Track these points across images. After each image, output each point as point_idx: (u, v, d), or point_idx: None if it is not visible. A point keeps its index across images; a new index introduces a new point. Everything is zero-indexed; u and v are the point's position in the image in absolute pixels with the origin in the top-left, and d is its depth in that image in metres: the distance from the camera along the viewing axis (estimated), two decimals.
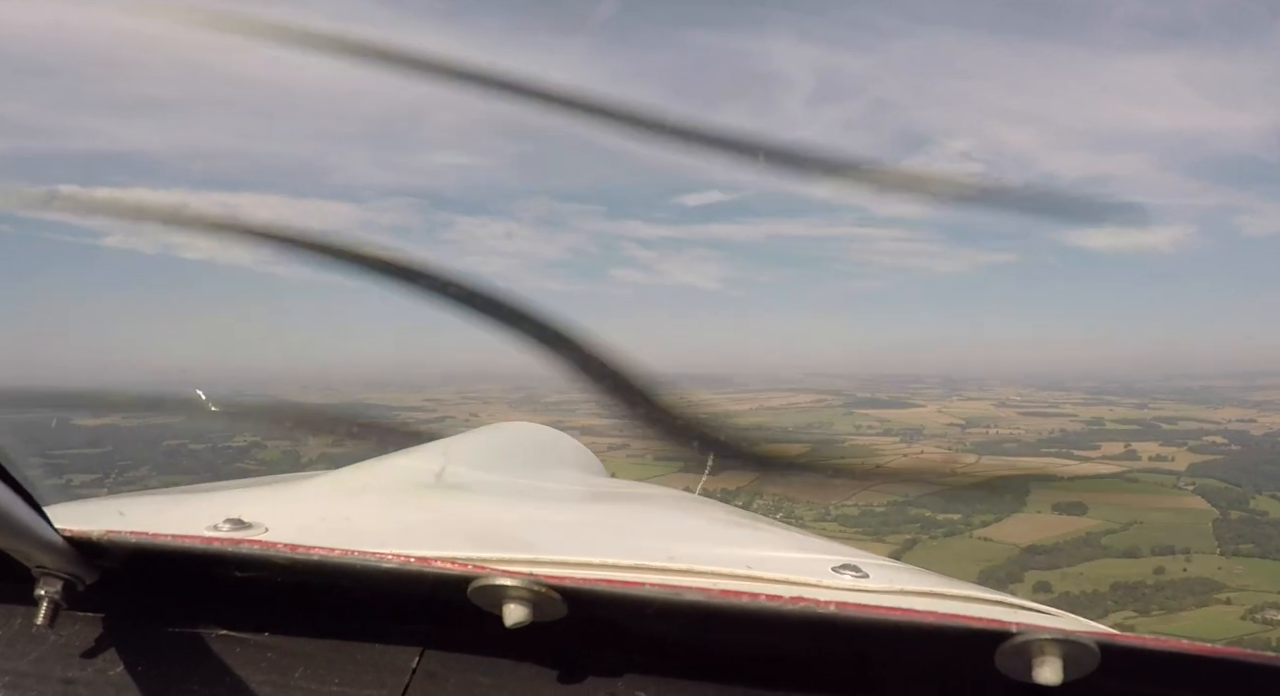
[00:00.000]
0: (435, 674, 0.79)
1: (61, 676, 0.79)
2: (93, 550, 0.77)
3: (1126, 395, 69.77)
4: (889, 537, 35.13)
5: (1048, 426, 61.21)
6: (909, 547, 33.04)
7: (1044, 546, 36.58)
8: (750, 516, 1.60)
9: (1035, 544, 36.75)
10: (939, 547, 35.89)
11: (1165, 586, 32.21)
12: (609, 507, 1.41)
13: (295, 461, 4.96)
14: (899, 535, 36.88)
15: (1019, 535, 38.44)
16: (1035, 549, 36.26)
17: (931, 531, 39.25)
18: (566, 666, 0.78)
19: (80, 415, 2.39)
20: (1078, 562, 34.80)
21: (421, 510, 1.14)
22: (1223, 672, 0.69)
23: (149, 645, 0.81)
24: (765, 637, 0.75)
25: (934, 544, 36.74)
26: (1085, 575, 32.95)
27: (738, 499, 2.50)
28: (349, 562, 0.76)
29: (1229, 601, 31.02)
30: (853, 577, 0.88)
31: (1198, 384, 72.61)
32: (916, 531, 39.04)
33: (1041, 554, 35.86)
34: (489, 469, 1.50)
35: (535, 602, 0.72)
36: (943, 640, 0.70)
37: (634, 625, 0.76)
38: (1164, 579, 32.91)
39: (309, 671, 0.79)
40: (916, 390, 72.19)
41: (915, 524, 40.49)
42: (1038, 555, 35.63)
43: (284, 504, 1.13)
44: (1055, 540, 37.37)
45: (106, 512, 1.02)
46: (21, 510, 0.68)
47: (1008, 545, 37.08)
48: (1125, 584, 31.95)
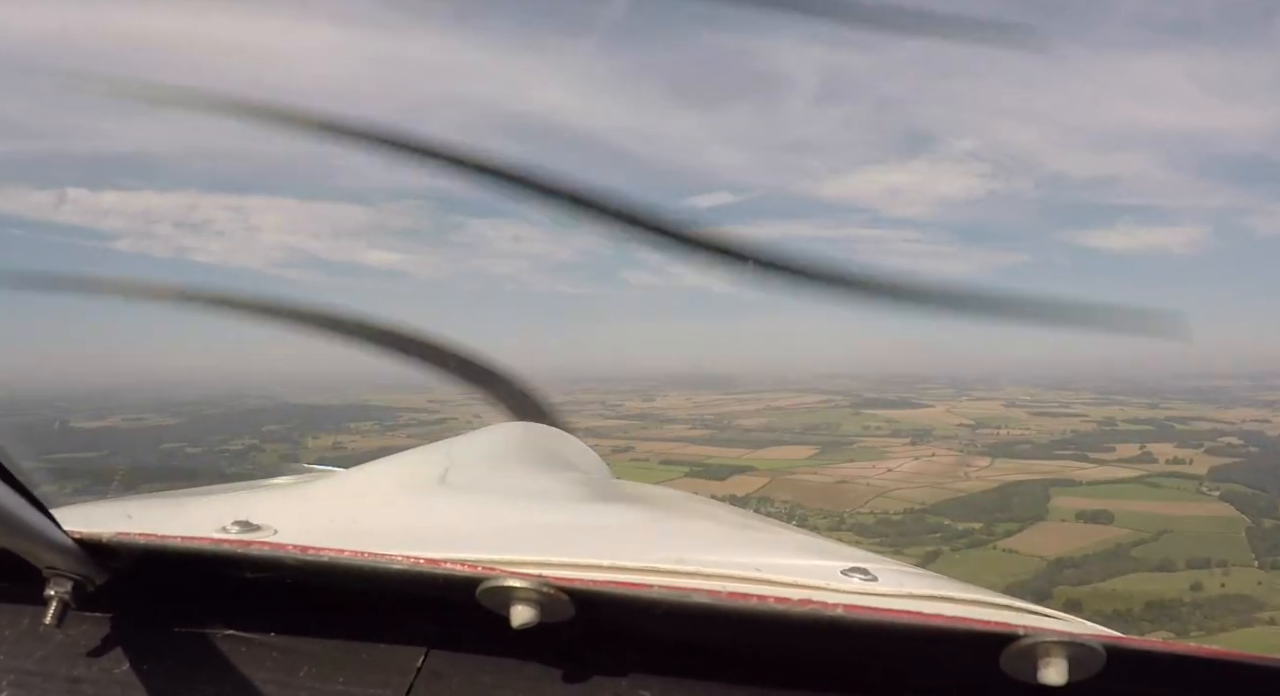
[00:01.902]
0: (440, 673, 0.79)
1: (68, 675, 0.80)
2: (103, 552, 0.78)
3: (1136, 395, 68.86)
4: (909, 550, 33.50)
5: (1059, 427, 60.12)
6: (930, 561, 31.37)
7: (1072, 559, 35.02)
8: (759, 519, 1.62)
9: (1063, 556, 35.03)
10: (961, 560, 34.28)
11: (1203, 604, 30.61)
12: (616, 509, 1.37)
13: (293, 465, 4.39)
14: (919, 546, 35.32)
15: (1045, 546, 36.90)
16: (1064, 561, 34.65)
17: (953, 542, 37.53)
18: (572, 667, 0.79)
19: (80, 417, 3.84)
20: (1109, 577, 33.39)
21: (428, 511, 1.15)
22: (1229, 675, 0.69)
23: (155, 645, 0.82)
24: (772, 640, 0.76)
25: (956, 556, 35.15)
26: (1118, 592, 31.39)
27: (748, 504, 3.71)
28: (359, 564, 0.77)
29: (1272, 621, 29.18)
30: (861, 580, 0.87)
31: (1208, 384, 71.96)
32: (937, 542, 37.38)
33: (1070, 567, 34.37)
34: (495, 470, 1.53)
35: (543, 604, 0.73)
36: (949, 643, 0.71)
37: (641, 627, 0.77)
38: (1201, 595, 31.32)
39: (314, 670, 0.80)
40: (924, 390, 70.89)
41: (935, 533, 38.91)
42: (1067, 568, 33.91)
43: (292, 506, 1.13)
44: (1083, 551, 35.89)
45: (114, 515, 1.00)
46: (30, 512, 0.70)
47: (1034, 558, 35.52)
48: (1160, 602, 30.16)
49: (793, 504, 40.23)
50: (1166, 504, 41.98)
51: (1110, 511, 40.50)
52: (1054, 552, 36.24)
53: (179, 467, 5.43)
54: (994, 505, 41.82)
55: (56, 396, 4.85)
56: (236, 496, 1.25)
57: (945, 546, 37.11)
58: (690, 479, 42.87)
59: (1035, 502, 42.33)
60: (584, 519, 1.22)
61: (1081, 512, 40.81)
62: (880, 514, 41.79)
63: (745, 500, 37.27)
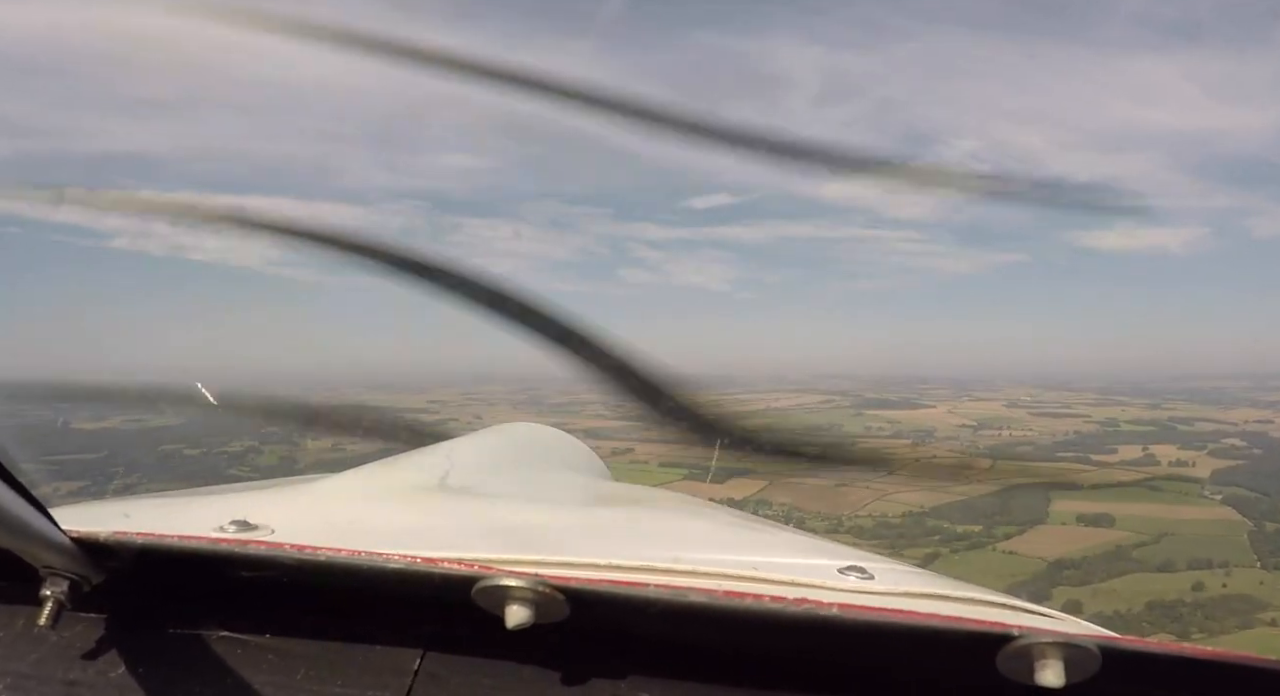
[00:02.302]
0: (437, 675, 0.79)
1: (63, 677, 0.80)
2: (100, 551, 0.78)
3: (1137, 395, 68.59)
4: (907, 551, 33.16)
5: (1061, 428, 59.78)
6: (929, 562, 31.05)
7: (1072, 560, 34.76)
8: (756, 519, 1.59)
9: (1063, 557, 34.72)
10: (960, 562, 34.04)
11: (1205, 604, 30.31)
12: (614, 510, 1.39)
13: (292, 467, 5.03)
14: (918, 549, 35.12)
15: (1045, 548, 36.63)
16: (1063, 563, 34.41)
17: (952, 544, 37.22)
18: (569, 668, 0.79)
19: (80, 418, 2.51)
20: (1109, 578, 33.14)
21: (426, 512, 1.15)
22: (1225, 676, 0.69)
23: (151, 646, 0.82)
24: (769, 639, 0.76)
25: (955, 558, 34.82)
26: (1118, 592, 31.08)
27: (746, 508, 2.65)
28: (356, 563, 0.77)
29: (1274, 622, 28.89)
30: (857, 579, 0.88)
31: (1208, 384, 71.67)
32: (936, 545, 37.06)
33: (1070, 568, 34.07)
34: (494, 470, 1.51)
35: (538, 603, 0.73)
36: (945, 642, 0.71)
37: (637, 626, 0.77)
38: (1203, 596, 31.03)
39: (311, 672, 0.80)
40: (925, 390, 70.61)
41: (934, 536, 38.72)
42: (1066, 569, 33.63)
43: (289, 506, 1.13)
44: (1083, 553, 35.67)
45: (111, 514, 1.01)
46: (27, 511, 0.70)
47: (1034, 559, 35.21)
48: (1162, 602, 29.95)
49: (790, 507, 39.95)
50: (1168, 507, 41.78)
51: (1111, 514, 40.24)
52: (1053, 554, 36.02)
53: (177, 469, 5.50)
54: (995, 508, 41.54)
55: (59, 396, 4.74)
56: (234, 496, 1.25)
57: (944, 549, 36.85)
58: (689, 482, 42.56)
59: (1036, 506, 42.03)
60: (580, 519, 1.21)
61: (1082, 516, 40.50)
62: (879, 517, 41.50)
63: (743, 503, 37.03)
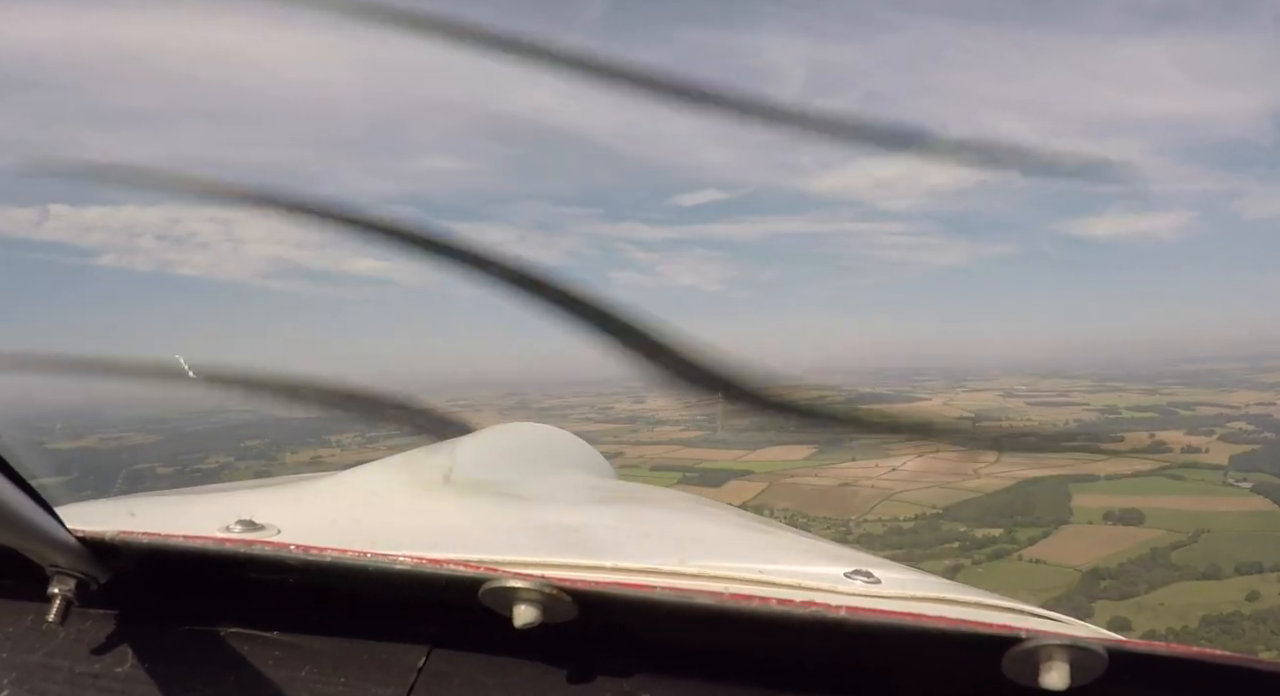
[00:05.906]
0: (441, 673, 0.80)
1: (69, 672, 0.82)
2: (106, 550, 0.79)
3: (1134, 381, 65.23)
4: (926, 563, 28.71)
5: (1061, 417, 56.09)
6: (950, 575, 26.49)
7: (1108, 568, 30.89)
8: (763, 521, 1.61)
9: (1097, 566, 30.72)
10: (985, 575, 30.08)
11: (1265, 616, 27.10)
12: (620, 510, 1.38)
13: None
14: (936, 560, 31.06)
15: (1074, 553, 32.89)
16: (1099, 572, 30.59)
17: (973, 553, 33.22)
18: (574, 668, 0.79)
19: (55, 438, 2.40)
20: (1153, 589, 29.93)
21: (432, 512, 1.15)
22: (1232, 679, 0.68)
23: (157, 643, 0.84)
24: (775, 642, 0.76)
25: (978, 570, 30.84)
26: (1166, 605, 27.45)
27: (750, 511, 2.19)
28: (362, 564, 0.77)
29: None
30: (864, 583, 0.89)
31: (1204, 367, 68.82)
32: (955, 554, 33.00)
33: (1108, 578, 30.49)
34: (498, 470, 1.53)
35: (545, 604, 0.73)
36: (951, 646, 0.70)
37: (644, 628, 0.78)
38: (1261, 606, 27.74)
39: (316, 670, 0.81)
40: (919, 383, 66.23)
41: (952, 543, 34.52)
42: (1103, 579, 29.90)
43: (294, 505, 1.14)
44: (1118, 558, 32.08)
45: (118, 513, 1.01)
46: (34, 510, 0.70)
47: (1065, 568, 31.54)
48: (1218, 616, 26.21)
49: (793, 512, 35.97)
50: (1196, 498, 39.46)
51: (1139, 510, 37.05)
52: (1086, 561, 33.27)
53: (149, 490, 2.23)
54: (1013, 507, 37.74)
55: (39, 416, 2.59)
56: (240, 495, 1.25)
57: (965, 559, 33.24)
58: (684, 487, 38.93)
59: (1057, 502, 38.22)
60: (587, 520, 1.20)
61: (1109, 513, 36.87)
62: (889, 521, 37.60)
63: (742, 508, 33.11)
